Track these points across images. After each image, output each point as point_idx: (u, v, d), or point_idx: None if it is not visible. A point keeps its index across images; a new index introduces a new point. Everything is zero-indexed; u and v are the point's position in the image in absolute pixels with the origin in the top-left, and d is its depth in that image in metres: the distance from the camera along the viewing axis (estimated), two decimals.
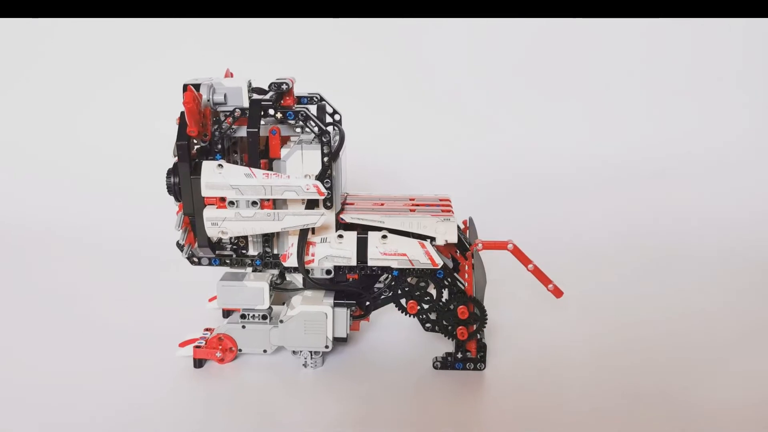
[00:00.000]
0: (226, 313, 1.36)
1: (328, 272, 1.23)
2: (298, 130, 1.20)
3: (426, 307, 1.24)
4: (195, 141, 1.16)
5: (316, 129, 1.14)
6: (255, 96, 1.19)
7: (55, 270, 1.72)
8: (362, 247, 1.20)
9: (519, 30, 2.22)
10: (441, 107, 2.24)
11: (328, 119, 1.32)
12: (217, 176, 1.13)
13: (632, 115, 2.28)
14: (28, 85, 2.22)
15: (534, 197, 2.12)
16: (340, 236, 1.21)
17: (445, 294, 1.24)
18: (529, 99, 2.26)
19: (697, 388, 1.19)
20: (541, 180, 2.17)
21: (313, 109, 1.29)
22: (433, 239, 1.21)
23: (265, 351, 1.25)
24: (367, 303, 1.26)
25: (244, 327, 1.24)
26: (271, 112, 1.14)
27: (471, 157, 2.20)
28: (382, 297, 1.25)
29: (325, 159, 1.15)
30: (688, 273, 1.71)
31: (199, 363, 1.24)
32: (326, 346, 1.22)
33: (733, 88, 2.27)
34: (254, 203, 1.15)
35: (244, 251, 1.23)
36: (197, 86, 1.13)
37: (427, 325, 1.24)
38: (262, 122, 1.16)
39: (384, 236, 1.20)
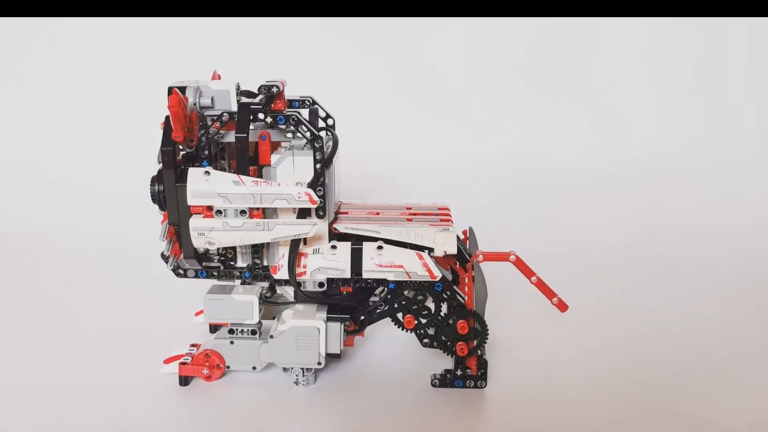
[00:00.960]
0: (214, 328, 1.35)
1: (320, 285, 1.21)
2: (289, 135, 1.19)
3: (424, 321, 1.22)
4: (180, 147, 1.15)
5: (308, 134, 1.13)
6: (244, 99, 1.18)
7: (35, 280, 1.71)
8: (357, 258, 1.19)
9: (520, 30, 2.23)
10: (440, 110, 2.25)
11: (321, 124, 1.31)
12: (203, 184, 1.12)
13: (638, 118, 2.28)
14: (8, 88, 2.21)
15: (537, 205, 2.11)
16: (334, 247, 1.19)
17: (444, 308, 1.22)
18: (531, 101, 2.26)
19: (706, 404, 1.19)
20: (543, 187, 2.17)
21: (304, 113, 1.28)
22: (431, 250, 1.20)
23: (254, 368, 1.24)
24: (362, 317, 1.25)
25: (232, 342, 1.23)
26: (261, 116, 1.13)
27: (471, 164, 2.20)
28: (378, 311, 1.24)
29: (318, 165, 1.14)
30: (697, 283, 1.70)
31: (184, 380, 1.23)
32: (319, 363, 1.21)
33: (742, 90, 2.27)
34: (243, 212, 1.14)
35: (232, 263, 1.22)
36: (183, 89, 1.12)
37: (425, 340, 1.23)
38: (252, 127, 1.15)
39: (380, 247, 1.19)
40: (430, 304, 1.22)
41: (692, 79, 2.28)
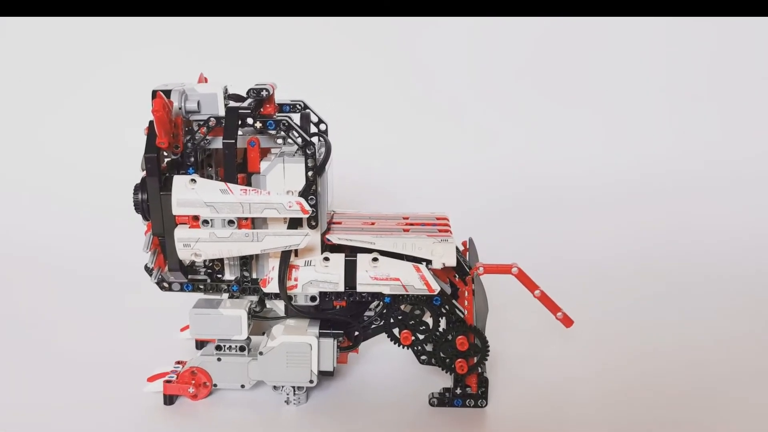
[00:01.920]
0: (200, 344, 1.35)
1: (312, 299, 1.21)
2: (280, 141, 1.19)
3: (421, 337, 1.22)
4: (165, 153, 1.15)
5: (299, 140, 1.13)
6: (232, 103, 1.17)
7: (11, 294, 1.70)
8: (351, 270, 1.18)
9: (524, 30, 2.23)
10: (439, 115, 2.25)
11: (313, 129, 1.31)
12: (189, 192, 1.11)
13: (648, 125, 2.28)
14: None
15: (541, 215, 2.11)
16: (327, 259, 1.19)
17: (443, 323, 1.22)
18: (535, 106, 2.27)
19: (715, 424, 1.18)
20: (547, 196, 2.17)
21: (296, 117, 1.28)
22: (429, 262, 1.20)
23: (242, 386, 1.24)
24: (356, 333, 1.25)
25: (219, 359, 1.22)
26: (250, 121, 1.13)
27: (471, 171, 2.20)
28: (373, 326, 1.24)
29: (310, 173, 1.14)
30: (709, 298, 1.70)
31: (169, 399, 1.23)
32: (311, 381, 1.20)
33: (756, 94, 2.28)
34: (231, 222, 1.13)
35: (219, 276, 1.22)
36: (168, 93, 1.12)
37: (423, 357, 1.23)
38: (240, 132, 1.15)
39: (375, 259, 1.19)
40: (428, 319, 1.22)
41: (704, 82, 2.28)
